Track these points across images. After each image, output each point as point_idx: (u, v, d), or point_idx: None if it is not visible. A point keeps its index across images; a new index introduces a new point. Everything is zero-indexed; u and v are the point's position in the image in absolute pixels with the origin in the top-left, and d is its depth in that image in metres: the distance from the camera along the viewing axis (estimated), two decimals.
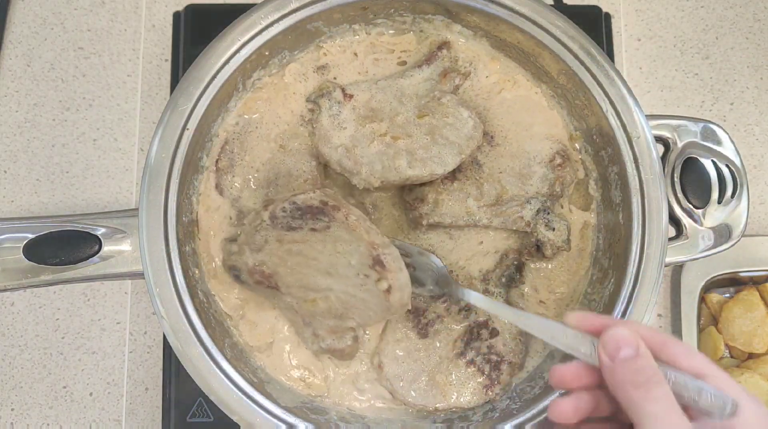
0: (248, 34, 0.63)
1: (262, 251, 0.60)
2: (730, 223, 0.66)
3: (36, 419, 0.77)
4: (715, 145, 0.67)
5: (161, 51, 0.83)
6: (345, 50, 0.71)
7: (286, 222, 0.60)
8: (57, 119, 0.81)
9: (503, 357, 0.65)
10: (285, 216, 0.60)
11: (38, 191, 0.80)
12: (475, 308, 0.66)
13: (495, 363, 0.65)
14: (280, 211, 0.60)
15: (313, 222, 0.59)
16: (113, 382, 0.77)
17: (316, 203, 0.60)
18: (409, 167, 0.64)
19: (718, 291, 0.78)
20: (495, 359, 0.65)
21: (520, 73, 0.71)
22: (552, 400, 0.51)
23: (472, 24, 0.69)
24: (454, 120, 0.66)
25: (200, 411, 0.73)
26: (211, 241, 0.66)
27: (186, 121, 0.62)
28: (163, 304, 0.59)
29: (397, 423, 0.64)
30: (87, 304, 0.78)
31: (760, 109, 0.84)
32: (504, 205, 0.67)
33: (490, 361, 0.65)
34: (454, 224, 0.67)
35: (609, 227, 0.67)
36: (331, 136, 0.66)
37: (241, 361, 0.62)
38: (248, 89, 0.68)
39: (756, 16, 0.86)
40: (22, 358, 0.77)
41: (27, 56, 0.83)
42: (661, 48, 0.85)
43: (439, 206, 0.66)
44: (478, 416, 0.63)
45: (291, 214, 0.60)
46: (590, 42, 0.64)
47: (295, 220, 0.60)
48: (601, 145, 0.67)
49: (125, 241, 0.62)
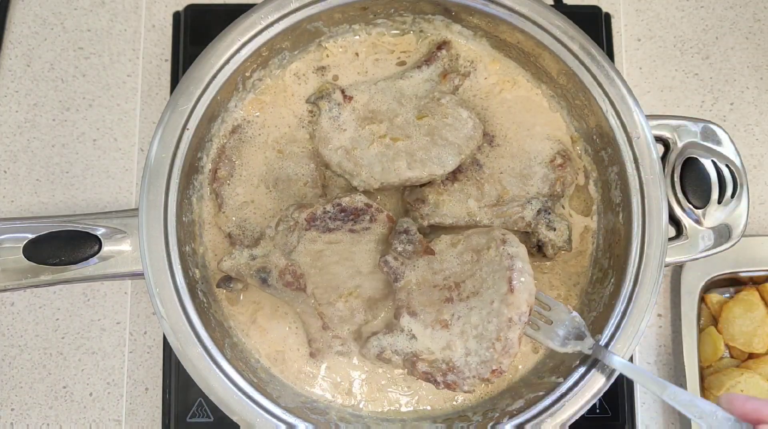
0: (248, 34, 0.63)
1: (294, 252, 0.62)
2: (730, 223, 0.66)
3: (36, 419, 0.77)
4: (715, 145, 0.67)
5: (161, 51, 0.83)
6: (346, 50, 0.71)
7: (324, 223, 0.62)
8: (57, 119, 0.81)
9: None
10: (325, 217, 0.62)
11: (38, 191, 0.80)
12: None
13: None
14: (321, 213, 0.62)
15: (353, 223, 0.63)
16: (113, 382, 0.77)
17: (360, 205, 0.63)
18: (408, 168, 0.64)
19: (718, 291, 0.78)
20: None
21: (520, 74, 0.71)
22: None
23: (472, 24, 0.69)
24: (453, 120, 0.66)
25: (200, 411, 0.73)
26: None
27: (186, 121, 0.62)
28: (163, 304, 0.59)
29: (397, 423, 0.64)
30: (87, 304, 0.78)
31: (760, 109, 0.84)
32: (505, 206, 0.67)
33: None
34: (455, 225, 0.66)
35: (609, 228, 0.67)
36: (331, 138, 0.66)
37: (241, 361, 0.62)
38: (248, 89, 0.68)
39: (756, 16, 0.86)
40: (22, 358, 0.77)
41: (27, 56, 0.83)
42: (661, 48, 0.85)
43: (440, 207, 0.66)
44: (478, 416, 0.63)
45: (333, 215, 0.62)
46: (590, 42, 0.64)
47: (334, 222, 0.63)
48: (601, 145, 0.67)
49: (125, 241, 0.62)
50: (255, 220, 0.67)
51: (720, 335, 0.75)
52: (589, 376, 0.60)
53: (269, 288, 0.62)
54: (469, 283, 0.61)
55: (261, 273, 0.62)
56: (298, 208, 0.63)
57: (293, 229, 0.62)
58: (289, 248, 0.62)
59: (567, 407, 0.59)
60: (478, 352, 0.59)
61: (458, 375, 0.59)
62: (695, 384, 0.73)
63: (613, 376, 0.59)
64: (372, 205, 0.63)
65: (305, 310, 0.63)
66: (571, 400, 0.59)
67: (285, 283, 0.61)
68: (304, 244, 0.62)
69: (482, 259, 0.61)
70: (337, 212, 0.63)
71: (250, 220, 0.67)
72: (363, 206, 0.63)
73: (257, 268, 0.62)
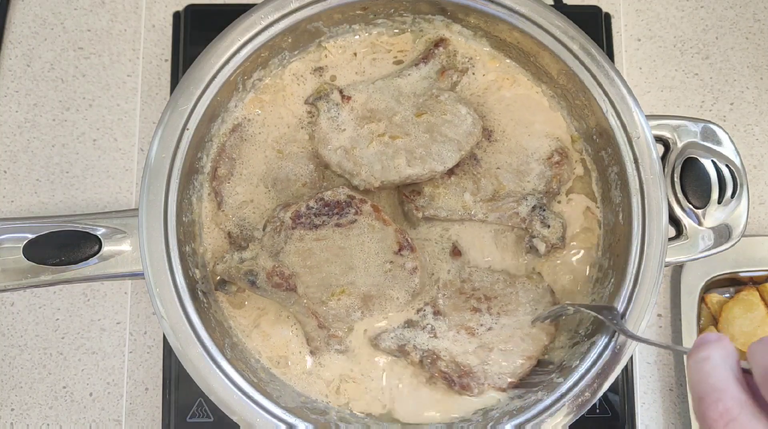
0: (248, 34, 0.63)
1: (282, 253, 0.62)
2: (730, 223, 0.66)
3: (36, 419, 0.77)
4: (715, 145, 0.67)
5: (161, 51, 0.83)
6: (345, 50, 0.71)
7: (310, 220, 0.62)
8: (57, 119, 0.81)
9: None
10: (310, 214, 0.62)
11: (38, 191, 0.80)
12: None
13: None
14: (305, 209, 0.62)
15: (338, 217, 0.62)
16: (113, 382, 0.77)
17: (343, 198, 0.63)
18: (408, 166, 0.64)
19: (718, 291, 0.78)
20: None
21: (520, 73, 0.71)
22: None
23: (472, 24, 0.69)
24: (452, 117, 0.66)
25: (200, 411, 0.73)
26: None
27: (186, 121, 0.62)
28: (163, 304, 0.59)
29: (397, 423, 0.64)
30: (87, 304, 0.78)
31: (760, 109, 0.84)
32: (500, 201, 0.67)
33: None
34: (449, 218, 0.67)
35: (609, 228, 0.67)
36: (330, 138, 0.66)
37: (241, 361, 0.62)
38: (248, 90, 0.68)
39: (756, 16, 0.86)
40: (22, 358, 0.77)
41: (27, 56, 0.83)
42: (661, 48, 0.85)
43: (435, 200, 0.66)
44: (478, 416, 0.63)
45: (317, 211, 0.62)
46: (590, 42, 0.64)
47: (319, 217, 0.62)
48: (601, 145, 0.67)
49: (125, 241, 0.62)
50: (254, 220, 0.67)
51: None
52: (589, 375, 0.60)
53: (259, 290, 0.62)
54: (501, 302, 0.65)
55: (249, 276, 0.62)
56: (284, 208, 0.63)
57: (279, 229, 0.62)
58: (276, 249, 0.62)
59: (567, 407, 0.59)
60: (500, 364, 0.63)
61: (473, 379, 0.62)
62: None
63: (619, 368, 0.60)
64: (355, 196, 0.63)
65: (299, 311, 0.63)
66: (571, 400, 0.59)
67: (274, 285, 0.61)
68: (291, 244, 0.62)
69: (517, 283, 0.66)
70: (321, 207, 0.62)
71: (249, 219, 0.67)
72: (346, 199, 0.63)
73: (245, 271, 0.62)
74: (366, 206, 0.63)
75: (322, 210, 0.62)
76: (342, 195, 0.63)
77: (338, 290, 0.63)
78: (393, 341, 0.64)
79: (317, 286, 0.62)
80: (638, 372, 0.78)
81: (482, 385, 0.62)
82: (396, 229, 0.63)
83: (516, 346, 0.64)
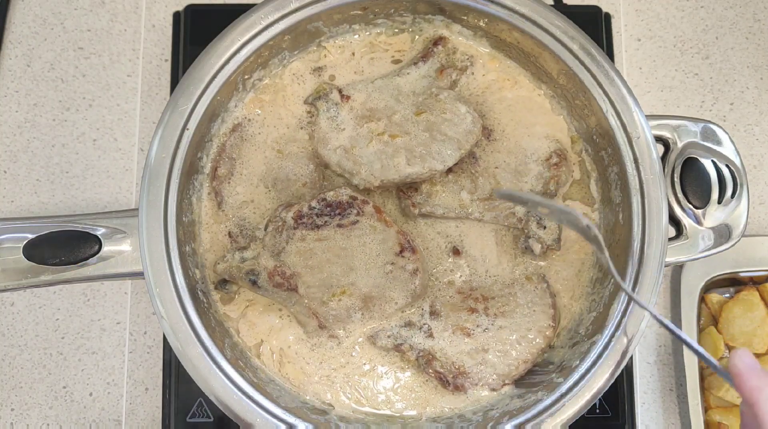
0: (248, 34, 0.63)
1: (283, 253, 0.62)
2: (730, 223, 0.66)
3: (36, 419, 0.77)
4: (715, 145, 0.67)
5: (161, 51, 0.83)
6: (344, 50, 0.71)
7: (312, 221, 0.62)
8: (57, 119, 0.81)
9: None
10: (312, 214, 0.62)
11: (38, 191, 0.80)
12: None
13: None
14: (307, 210, 0.62)
15: (340, 218, 0.62)
16: (113, 382, 0.77)
17: (345, 199, 0.63)
18: (408, 165, 0.64)
19: (718, 291, 0.78)
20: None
21: (520, 74, 0.71)
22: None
23: (472, 24, 0.69)
24: (452, 116, 0.66)
25: (200, 411, 0.73)
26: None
27: (186, 121, 0.62)
28: (163, 304, 0.59)
29: (397, 423, 0.64)
30: (87, 304, 0.78)
31: (760, 109, 0.84)
32: (497, 200, 0.67)
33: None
34: (445, 216, 0.67)
35: (609, 228, 0.67)
36: (330, 138, 0.66)
37: (241, 361, 0.62)
38: (248, 90, 0.68)
39: (756, 16, 0.86)
40: (22, 358, 0.77)
41: (27, 56, 0.83)
42: (661, 48, 0.85)
43: (432, 197, 0.66)
44: (478, 416, 0.63)
45: (319, 211, 0.62)
46: (590, 42, 0.64)
47: (321, 218, 0.62)
48: (601, 145, 0.67)
49: (125, 241, 0.62)
50: (254, 220, 0.67)
51: (720, 335, 0.75)
52: (589, 375, 0.60)
53: (260, 290, 0.62)
54: (498, 303, 0.65)
55: (250, 275, 0.62)
56: (286, 208, 0.63)
57: (281, 229, 0.62)
58: (278, 249, 0.62)
59: (567, 407, 0.59)
60: (496, 366, 0.63)
61: (467, 379, 0.63)
62: (695, 384, 0.73)
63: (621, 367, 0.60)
64: (357, 197, 0.63)
65: (300, 311, 0.63)
66: (571, 400, 0.59)
67: (275, 285, 0.61)
68: (293, 244, 0.62)
69: (516, 285, 0.66)
70: (323, 208, 0.62)
71: (249, 219, 0.67)
72: (348, 199, 0.63)
73: (246, 270, 0.62)
74: (368, 207, 0.63)
75: (324, 210, 0.62)
76: (344, 196, 0.63)
77: (339, 291, 0.63)
78: (390, 340, 0.64)
79: (318, 287, 0.62)
80: (638, 372, 0.78)
81: (476, 385, 0.63)
82: (398, 231, 0.63)
83: (512, 349, 0.64)
